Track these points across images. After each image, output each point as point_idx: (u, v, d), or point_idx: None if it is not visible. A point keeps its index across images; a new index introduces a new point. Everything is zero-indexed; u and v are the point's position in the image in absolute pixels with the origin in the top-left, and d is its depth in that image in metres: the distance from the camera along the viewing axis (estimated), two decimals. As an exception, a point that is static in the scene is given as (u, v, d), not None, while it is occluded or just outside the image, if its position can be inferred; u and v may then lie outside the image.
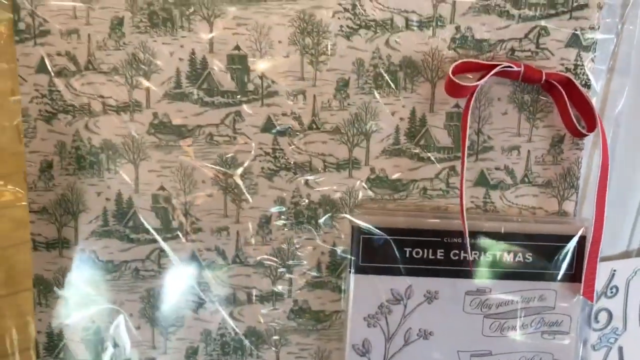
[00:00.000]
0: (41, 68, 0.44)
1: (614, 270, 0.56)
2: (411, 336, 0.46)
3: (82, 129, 0.45)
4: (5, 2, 0.43)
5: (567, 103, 0.44)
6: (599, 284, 0.56)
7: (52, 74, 0.44)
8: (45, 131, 0.45)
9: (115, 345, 0.48)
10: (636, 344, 0.57)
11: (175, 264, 0.47)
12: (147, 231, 0.47)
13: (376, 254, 0.46)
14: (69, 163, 0.46)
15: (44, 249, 0.47)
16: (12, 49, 0.44)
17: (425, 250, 0.46)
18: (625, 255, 0.57)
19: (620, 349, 0.57)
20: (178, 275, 0.47)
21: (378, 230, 0.45)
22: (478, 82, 0.43)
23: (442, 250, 0.46)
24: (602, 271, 0.55)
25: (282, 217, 0.47)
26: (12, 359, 0.49)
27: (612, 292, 0.56)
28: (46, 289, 0.47)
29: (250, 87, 0.45)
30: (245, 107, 0.45)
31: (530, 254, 0.46)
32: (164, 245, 0.47)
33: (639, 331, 0.57)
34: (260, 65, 0.44)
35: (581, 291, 0.46)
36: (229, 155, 0.46)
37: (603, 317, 0.57)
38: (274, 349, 0.48)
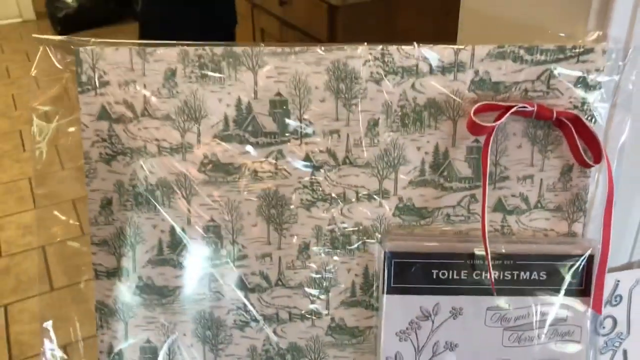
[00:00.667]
0: (102, 115, 0.49)
1: (618, 281, 0.61)
2: (438, 348, 0.52)
3: (139, 169, 0.50)
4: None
5: (576, 137, 0.49)
6: (605, 294, 0.60)
7: (112, 120, 0.49)
8: (105, 171, 0.50)
9: (171, 361, 0.53)
10: (638, 346, 0.62)
11: (224, 287, 0.52)
12: (198, 259, 0.52)
13: (405, 276, 0.51)
14: (127, 200, 0.51)
15: (104, 277, 0.52)
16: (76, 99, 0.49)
17: (450, 272, 0.51)
18: (628, 266, 0.62)
19: (625, 352, 0.62)
20: (226, 297, 0.52)
21: (407, 254, 0.50)
22: (496, 123, 0.47)
23: (466, 271, 0.51)
24: (607, 282, 0.60)
25: (320, 243, 0.52)
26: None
27: (616, 301, 0.61)
28: (107, 313, 0.52)
29: (290, 128, 0.50)
30: (285, 145, 0.50)
31: (544, 272, 0.51)
32: (213, 271, 0.52)
33: (641, 335, 0.62)
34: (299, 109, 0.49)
35: (590, 304, 0.51)
36: (272, 188, 0.51)
37: (608, 323, 0.62)
38: (313, 361, 0.53)
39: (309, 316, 0.53)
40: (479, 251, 0.50)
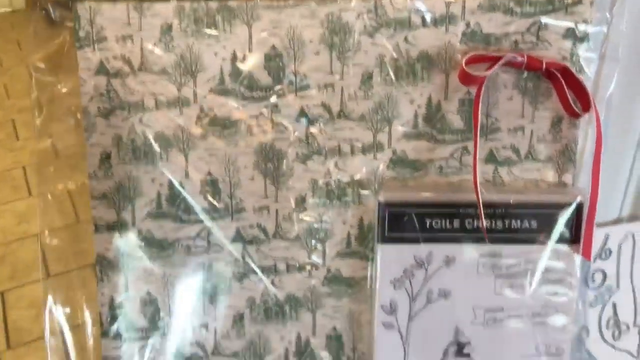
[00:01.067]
0: (100, 70, 0.50)
1: (608, 235, 0.62)
2: (432, 296, 0.53)
3: (137, 123, 0.51)
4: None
5: (565, 88, 0.50)
6: (595, 248, 0.62)
7: (110, 75, 0.50)
8: (104, 126, 0.51)
9: (171, 314, 0.54)
10: (628, 299, 0.64)
11: (223, 240, 0.53)
12: (196, 212, 0.53)
13: (399, 225, 0.52)
14: (125, 154, 0.52)
15: (104, 230, 0.53)
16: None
17: (443, 221, 0.52)
18: (618, 221, 0.64)
19: (614, 305, 0.64)
20: (225, 249, 0.53)
21: (400, 204, 0.52)
22: (487, 72, 0.49)
23: (458, 220, 0.52)
24: (597, 236, 0.61)
25: (316, 196, 0.53)
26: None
27: (606, 255, 0.63)
28: (107, 266, 0.53)
29: (285, 82, 0.51)
30: (281, 99, 0.51)
31: (535, 221, 0.52)
32: (211, 224, 0.53)
33: (630, 288, 0.64)
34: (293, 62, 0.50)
35: (580, 251, 0.52)
36: (268, 142, 0.52)
37: (598, 277, 0.63)
38: (310, 312, 0.55)
39: (306, 267, 0.54)
40: (470, 200, 0.51)
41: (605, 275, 0.63)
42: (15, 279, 1.79)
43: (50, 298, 0.52)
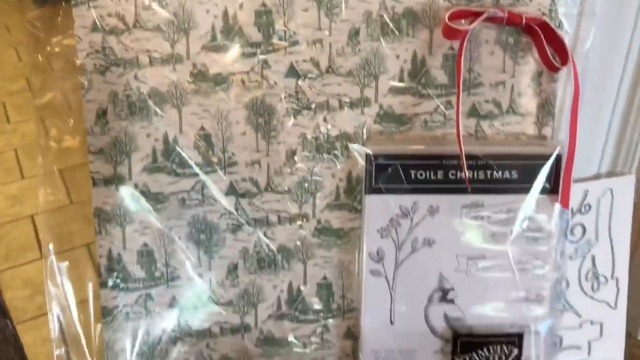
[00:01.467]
0: (95, 28, 0.51)
1: (587, 191, 0.65)
2: (417, 244, 0.55)
3: (132, 79, 0.53)
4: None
5: (544, 42, 0.52)
6: (574, 203, 0.64)
7: (105, 32, 0.52)
8: (100, 82, 0.53)
9: (167, 265, 0.56)
10: (606, 252, 0.66)
11: (216, 193, 0.55)
12: (190, 166, 0.54)
13: (386, 177, 0.54)
14: (121, 110, 0.53)
15: (102, 184, 0.55)
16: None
17: (428, 172, 0.54)
18: (597, 177, 0.66)
19: (593, 258, 0.67)
20: (218, 202, 0.55)
21: (387, 156, 0.54)
22: (470, 26, 0.51)
23: (442, 172, 0.54)
24: (576, 192, 0.64)
25: (305, 150, 0.55)
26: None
27: (585, 209, 0.65)
28: (105, 219, 0.55)
29: (275, 38, 0.52)
30: (271, 55, 0.53)
31: (516, 171, 0.54)
32: (205, 178, 0.55)
33: (608, 242, 0.66)
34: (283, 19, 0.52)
35: (558, 199, 0.54)
36: (259, 98, 0.53)
37: (578, 231, 0.66)
38: (301, 262, 0.57)
39: (297, 219, 0.56)
40: (454, 152, 0.53)
41: (584, 229, 0.66)
42: (9, 260, 1.81)
43: (51, 247, 0.54)
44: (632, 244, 0.66)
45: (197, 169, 0.54)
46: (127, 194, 0.55)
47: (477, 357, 0.56)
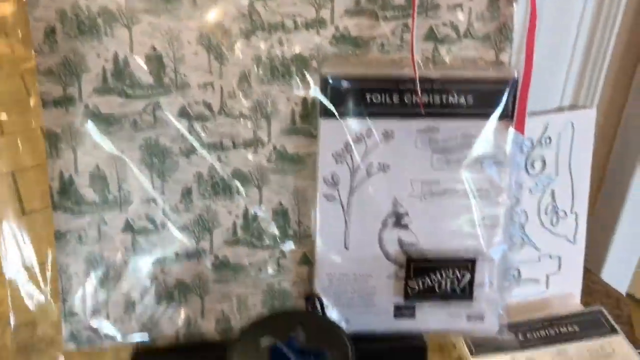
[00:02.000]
0: (40, -61, 0.50)
1: (548, 123, 0.64)
2: (372, 169, 0.55)
3: (80, -5, 0.51)
4: None
5: (502, -37, 0.51)
6: (535, 135, 0.64)
7: (50, -56, 0.50)
8: (47, 0, 0.51)
9: (120, 188, 0.56)
10: (565, 187, 0.66)
11: (169, 116, 0.54)
12: (141, 87, 0.53)
13: (341, 101, 0.53)
14: (70, 28, 0.52)
15: (52, 106, 0.53)
16: None
17: (383, 96, 0.53)
18: (558, 110, 0.66)
19: (553, 192, 0.67)
20: (171, 125, 0.54)
21: (342, 79, 0.53)
22: (424, -58, 0.49)
23: (397, 95, 0.53)
24: (538, 124, 0.64)
25: (260, 71, 0.54)
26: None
27: (545, 142, 0.65)
28: (56, 141, 0.54)
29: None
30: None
31: (471, 96, 0.54)
32: (157, 99, 0.54)
33: (567, 176, 0.66)
34: None
35: (514, 124, 0.54)
36: (212, 17, 0.52)
37: (538, 164, 0.66)
38: (257, 188, 0.57)
39: (252, 144, 0.55)
40: (409, 76, 0.52)
41: (544, 163, 0.65)
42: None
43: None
44: (592, 179, 0.67)
45: (148, 90, 0.53)
46: (78, 116, 0.54)
47: (430, 282, 0.56)
